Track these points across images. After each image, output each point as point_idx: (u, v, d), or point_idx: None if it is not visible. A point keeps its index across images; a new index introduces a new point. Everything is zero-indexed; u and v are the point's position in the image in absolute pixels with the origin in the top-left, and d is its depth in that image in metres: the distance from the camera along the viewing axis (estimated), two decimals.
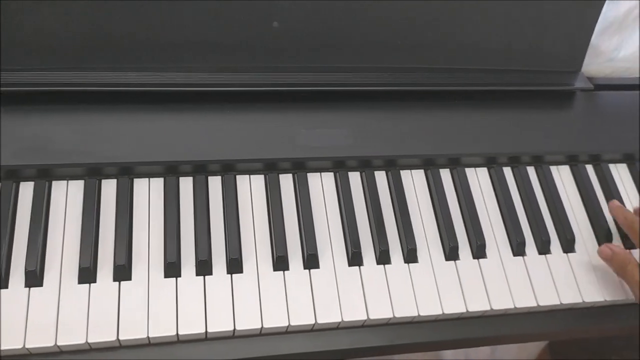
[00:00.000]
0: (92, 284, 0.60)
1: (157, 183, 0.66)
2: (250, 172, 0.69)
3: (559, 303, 0.66)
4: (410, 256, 0.67)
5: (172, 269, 0.61)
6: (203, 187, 0.67)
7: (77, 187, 0.64)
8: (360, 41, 0.70)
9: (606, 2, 0.76)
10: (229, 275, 0.62)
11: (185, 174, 0.67)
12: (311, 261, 0.64)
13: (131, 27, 0.64)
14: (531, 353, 1.33)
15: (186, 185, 0.67)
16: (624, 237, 0.72)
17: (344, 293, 0.64)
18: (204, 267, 0.62)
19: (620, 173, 0.78)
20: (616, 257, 0.66)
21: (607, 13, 0.79)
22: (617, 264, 0.66)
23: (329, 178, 0.71)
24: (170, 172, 0.67)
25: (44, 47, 0.64)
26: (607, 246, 0.67)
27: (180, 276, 0.62)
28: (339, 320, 0.62)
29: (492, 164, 0.74)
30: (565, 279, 0.68)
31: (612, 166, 0.77)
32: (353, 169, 0.71)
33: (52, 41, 0.64)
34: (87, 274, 0.59)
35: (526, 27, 0.73)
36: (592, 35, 0.76)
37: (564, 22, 0.74)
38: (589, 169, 0.77)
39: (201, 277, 0.62)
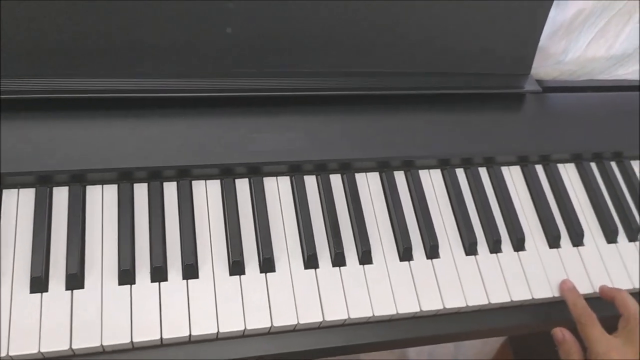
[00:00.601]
0: (43, 294, 0.59)
1: (111, 190, 0.66)
2: (206, 177, 0.69)
3: (509, 300, 0.68)
4: (365, 258, 0.68)
5: (126, 277, 0.61)
6: (158, 193, 0.66)
7: (27, 196, 0.64)
8: (313, 46, 0.71)
9: (554, 6, 0.79)
10: (185, 281, 0.63)
11: (140, 181, 0.67)
12: (267, 265, 0.65)
13: (80, 33, 0.64)
14: (494, 348, 1.36)
15: (141, 191, 0.67)
16: (572, 237, 0.75)
17: (300, 296, 0.64)
18: (159, 274, 0.62)
19: (569, 173, 0.80)
20: (564, 344, 0.66)
21: (555, 17, 0.81)
22: (564, 350, 0.66)
23: (285, 182, 0.71)
24: (124, 179, 0.66)
25: None
26: (559, 330, 0.67)
27: (134, 283, 0.62)
28: (296, 322, 0.63)
29: (446, 165, 0.76)
30: (516, 276, 0.70)
31: (560, 166, 0.80)
32: (309, 173, 0.72)
33: None
34: (38, 284, 0.59)
35: (476, 30, 0.75)
36: (539, 39, 0.78)
37: (513, 25, 0.76)
38: (539, 169, 0.79)
39: (156, 284, 0.62)
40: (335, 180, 0.73)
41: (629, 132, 0.83)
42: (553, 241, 0.73)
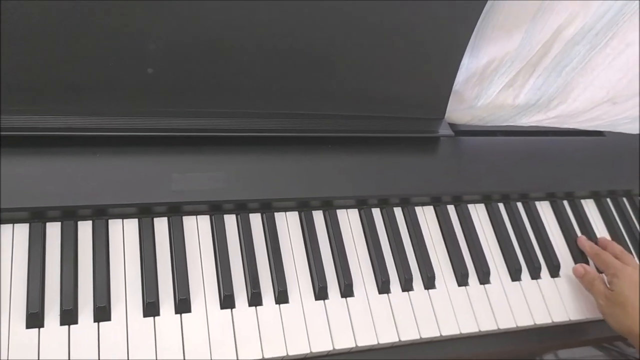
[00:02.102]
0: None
1: (22, 229, 0.65)
2: (123, 216, 0.69)
3: (418, 338, 0.71)
4: (282, 297, 0.69)
5: (35, 320, 0.60)
6: (71, 233, 0.66)
7: None
8: (235, 87, 0.72)
9: (469, 55, 0.84)
10: (96, 323, 0.62)
11: (53, 220, 0.66)
12: (183, 306, 0.65)
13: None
14: None
15: (53, 230, 0.66)
16: (479, 275, 0.79)
17: (215, 337, 0.65)
18: (68, 316, 0.61)
19: (479, 213, 0.85)
20: (587, 275, 0.79)
21: (469, 65, 0.86)
22: (586, 281, 0.78)
23: (204, 221, 0.72)
24: (37, 218, 0.65)
25: None
26: (581, 265, 0.81)
27: (43, 326, 0.60)
28: None
29: (363, 205, 0.79)
30: (425, 314, 0.73)
31: (471, 206, 0.85)
32: (229, 212, 0.73)
33: None
34: None
35: (394, 77, 0.79)
36: (452, 87, 0.83)
37: (428, 73, 0.80)
38: (451, 209, 0.83)
39: (66, 327, 0.61)
40: (255, 219, 0.74)
41: (534, 175, 0.89)
42: (461, 279, 0.77)
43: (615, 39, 0.80)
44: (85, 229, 0.67)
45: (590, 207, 0.91)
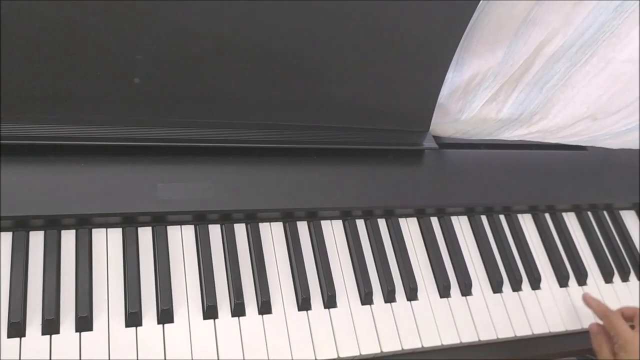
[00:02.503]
0: None
1: (6, 238, 0.65)
2: (107, 225, 0.69)
3: (400, 349, 0.72)
4: (265, 308, 0.69)
5: (16, 329, 0.60)
6: (54, 242, 0.66)
7: None
8: (221, 98, 0.73)
9: (453, 68, 0.85)
10: (78, 333, 0.62)
11: (36, 228, 0.66)
12: (165, 316, 0.65)
13: None
14: None
15: (36, 239, 0.66)
16: (461, 287, 0.80)
17: (197, 347, 0.65)
18: (50, 326, 0.61)
19: (462, 225, 0.86)
20: (598, 336, 0.76)
21: (454, 79, 0.88)
22: (596, 342, 0.76)
23: (189, 231, 0.72)
24: (20, 227, 0.65)
25: None
26: (596, 325, 0.77)
27: (24, 336, 0.60)
28: None
29: (347, 216, 0.80)
30: (407, 325, 0.74)
31: (454, 218, 0.86)
32: (213, 222, 0.74)
33: None
34: None
35: (380, 90, 0.80)
36: (437, 100, 0.84)
37: (413, 86, 0.81)
38: (434, 221, 0.84)
39: (47, 337, 0.61)
40: (240, 229, 0.74)
41: (517, 188, 0.90)
42: (444, 291, 0.78)
43: (595, 56, 0.82)
44: (68, 238, 0.67)
45: (571, 220, 0.93)
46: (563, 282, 0.85)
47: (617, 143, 0.97)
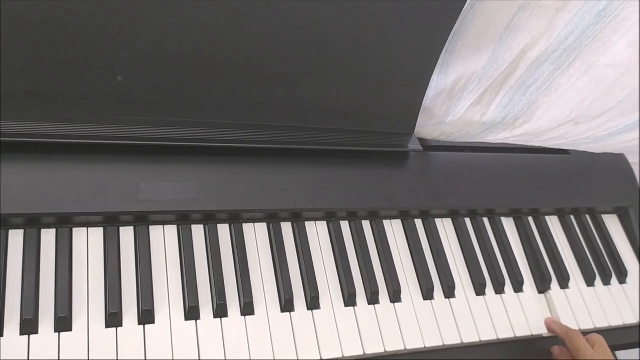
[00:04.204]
0: None
1: None
2: (88, 225, 0.68)
3: (383, 351, 0.72)
4: (247, 309, 0.69)
5: None
6: (34, 241, 0.65)
7: None
8: (206, 98, 0.73)
9: (438, 72, 0.86)
10: (57, 333, 0.61)
11: (16, 227, 0.65)
12: (146, 317, 0.65)
13: None
14: None
15: (16, 238, 0.65)
16: (445, 289, 0.80)
17: (179, 348, 0.64)
18: (28, 326, 0.60)
19: (446, 227, 0.86)
20: (560, 356, 0.78)
21: (439, 82, 0.88)
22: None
23: (172, 231, 0.72)
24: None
25: None
26: (558, 347, 0.79)
27: (2, 335, 0.59)
28: None
29: (332, 218, 0.80)
30: (391, 327, 0.74)
31: (438, 221, 0.86)
32: (197, 222, 0.73)
33: None
34: None
35: (366, 92, 0.80)
36: (422, 103, 0.84)
37: (399, 89, 0.82)
38: (418, 223, 0.84)
39: (26, 337, 0.60)
40: (223, 230, 0.74)
41: (501, 191, 0.90)
42: (427, 293, 0.78)
43: (578, 60, 0.82)
44: (48, 237, 0.66)
45: (554, 224, 0.93)
46: (545, 285, 0.85)
47: (599, 147, 0.98)
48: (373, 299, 0.75)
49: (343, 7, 0.70)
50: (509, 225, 0.90)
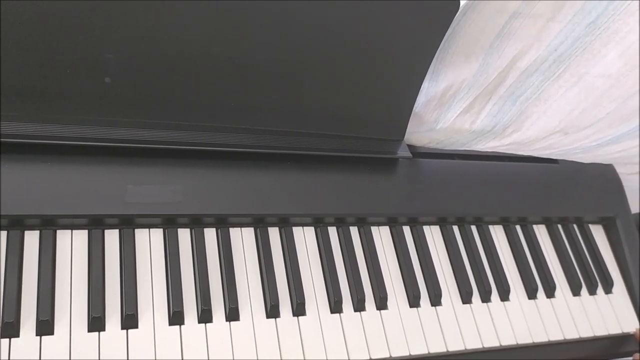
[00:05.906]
0: None
1: None
2: (73, 227, 0.68)
3: (368, 358, 0.72)
4: (232, 315, 0.68)
5: None
6: (17, 243, 0.64)
7: None
8: (194, 101, 0.72)
9: (429, 79, 0.86)
10: (38, 337, 0.60)
11: None
12: (129, 322, 0.64)
13: None
14: None
15: None
16: (431, 297, 0.80)
17: (162, 353, 0.64)
18: (9, 329, 0.59)
19: (434, 235, 0.86)
20: None
21: (429, 89, 0.88)
22: None
23: (157, 234, 0.71)
24: None
25: None
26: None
27: None
28: None
29: (319, 223, 0.79)
30: (376, 334, 0.74)
31: (426, 228, 0.86)
32: (183, 226, 0.72)
33: None
34: None
35: (355, 97, 0.80)
36: (412, 109, 0.84)
37: (389, 95, 0.81)
38: (407, 230, 0.84)
39: (7, 340, 0.59)
40: (210, 234, 0.73)
41: (489, 199, 0.90)
42: (413, 300, 0.78)
43: (568, 71, 0.82)
44: (31, 239, 0.65)
45: (542, 233, 0.93)
46: (531, 294, 0.86)
47: (588, 157, 0.98)
48: (359, 306, 0.75)
49: (333, 12, 0.70)
50: (497, 233, 0.90)
